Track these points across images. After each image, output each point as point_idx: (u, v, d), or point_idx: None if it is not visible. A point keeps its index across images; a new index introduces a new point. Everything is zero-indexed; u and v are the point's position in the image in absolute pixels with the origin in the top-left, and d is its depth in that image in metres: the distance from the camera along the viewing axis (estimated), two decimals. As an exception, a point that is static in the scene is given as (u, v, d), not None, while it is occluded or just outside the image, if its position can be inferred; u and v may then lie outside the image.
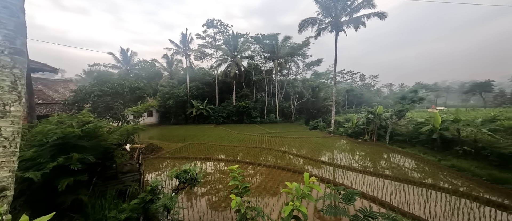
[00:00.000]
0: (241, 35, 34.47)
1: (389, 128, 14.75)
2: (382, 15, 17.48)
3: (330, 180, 7.76)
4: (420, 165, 9.76)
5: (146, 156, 11.67)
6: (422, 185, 7.22)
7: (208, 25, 33.54)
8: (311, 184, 1.83)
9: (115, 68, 35.46)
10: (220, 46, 35.22)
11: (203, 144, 15.45)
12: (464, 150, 10.08)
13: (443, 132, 11.29)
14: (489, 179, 7.44)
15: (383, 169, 9.31)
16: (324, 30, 20.52)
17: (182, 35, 33.35)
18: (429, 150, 11.76)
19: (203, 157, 11.44)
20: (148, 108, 11.42)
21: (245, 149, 13.66)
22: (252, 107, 32.23)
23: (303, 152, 12.63)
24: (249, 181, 8.06)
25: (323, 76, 42.27)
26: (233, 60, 33.06)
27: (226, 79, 35.58)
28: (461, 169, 8.55)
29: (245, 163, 10.39)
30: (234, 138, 18.26)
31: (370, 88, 55.50)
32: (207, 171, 9.41)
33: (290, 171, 8.99)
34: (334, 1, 19.03)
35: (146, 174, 9.02)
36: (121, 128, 5.75)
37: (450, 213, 5.47)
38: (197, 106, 31.27)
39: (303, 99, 33.89)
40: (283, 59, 35.10)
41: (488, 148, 9.41)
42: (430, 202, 6.07)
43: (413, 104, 15.73)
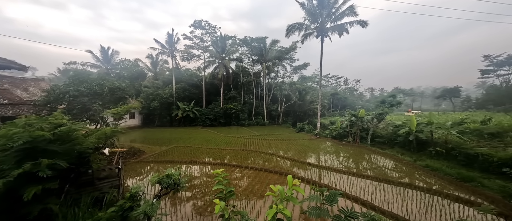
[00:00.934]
0: (229, 37, 34.37)
1: (371, 130, 15.50)
2: (363, 23, 18.46)
3: (315, 182, 7.94)
4: (398, 165, 10.35)
5: (127, 160, 11.08)
6: (400, 184, 7.65)
7: (195, 26, 33.01)
8: (294, 186, 1.86)
9: (94, 67, 33.40)
10: (207, 48, 34.77)
11: (189, 147, 15.04)
12: (436, 151, 10.87)
13: (418, 134, 12.10)
14: (457, 178, 8.08)
15: (365, 170, 9.73)
16: (310, 35, 21.17)
17: (168, 35, 32.47)
18: (406, 151, 12.53)
19: (189, 160, 11.12)
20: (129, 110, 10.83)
21: (232, 152, 13.53)
22: (240, 109, 32.10)
23: (290, 154, 12.80)
24: (236, 184, 7.98)
25: (310, 80, 43.41)
26: (221, 62, 32.79)
27: (214, 81, 35.15)
28: (434, 169, 9.20)
29: (232, 166, 10.28)
30: (221, 140, 18.02)
31: (353, 92, 58.04)
32: (192, 175, 9.16)
33: (276, 173, 9.05)
34: (319, 8, 19.74)
35: (126, 180, 8.55)
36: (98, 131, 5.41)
37: (424, 210, 5.85)
38: (183, 108, 30.45)
39: (290, 102, 34.48)
40: (271, 62, 35.53)
41: (457, 149, 10.26)
42: (407, 200, 6.45)
43: (392, 108, 16.72)
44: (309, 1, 19.90)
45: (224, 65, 32.35)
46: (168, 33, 32.40)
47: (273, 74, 39.40)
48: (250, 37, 33.99)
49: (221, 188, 2.22)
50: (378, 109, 16.48)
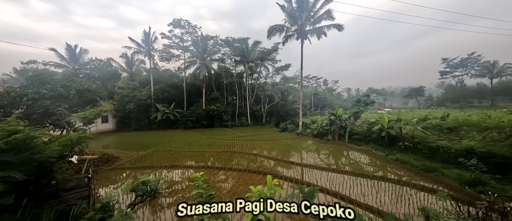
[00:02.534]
0: (210, 37, 33.75)
1: (348, 128, 16.41)
2: (340, 27, 19.51)
3: (298, 180, 8.14)
4: (372, 160, 11.10)
5: (99, 168, 10.21)
6: (374, 177, 8.21)
7: (174, 24, 31.80)
8: (273, 186, 1.88)
9: (59, 67, 30.20)
10: (188, 48, 33.72)
11: (169, 150, 14.38)
12: (405, 145, 11.90)
13: (390, 131, 13.13)
14: (422, 169, 8.93)
15: (343, 166, 10.26)
16: (291, 37, 21.74)
17: (145, 33, 30.77)
18: (379, 146, 13.51)
19: (169, 165, 10.63)
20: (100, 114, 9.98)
21: (216, 154, 13.27)
22: (223, 110, 31.67)
23: (274, 154, 12.96)
24: (220, 187, 7.84)
25: (291, 81, 44.55)
26: (203, 62, 32.04)
27: (195, 82, 34.18)
28: (403, 162, 10.05)
29: (215, 168, 10.07)
30: (204, 142, 17.57)
31: (332, 92, 61.00)
32: (174, 180, 8.78)
33: (261, 173, 9.09)
34: (299, 11, 20.39)
35: (98, 189, 7.87)
36: (63, 137, 4.89)
37: (395, 201, 6.35)
38: (163, 110, 29.07)
39: (273, 103, 34.99)
40: (254, 63, 35.70)
41: (422, 143, 11.35)
42: (381, 192, 6.94)
43: (366, 106, 17.91)
44: (289, 4, 20.43)
45: (206, 66, 31.66)
46: (145, 31, 30.72)
47: (256, 75, 39.61)
48: (232, 37, 33.76)
49: (201, 192, 2.15)
50: (354, 108, 17.52)
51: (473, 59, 47.38)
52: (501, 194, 6.24)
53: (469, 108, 32.19)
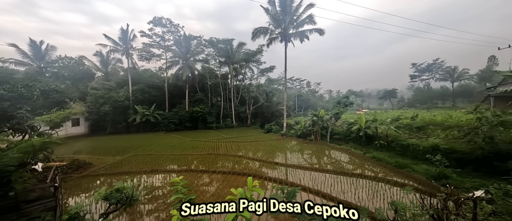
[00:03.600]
0: (194, 37, 32.98)
1: (329, 128, 17.11)
2: (321, 31, 20.34)
3: (282, 180, 8.26)
4: (352, 158, 11.70)
5: (69, 176, 9.36)
6: (353, 175, 8.65)
7: (155, 23, 30.51)
8: (254, 187, 1.89)
9: (20, 64, 27.07)
10: (170, 47, 32.54)
11: (149, 154, 13.68)
12: (380, 144, 12.74)
13: (367, 130, 13.97)
14: (395, 165, 9.63)
15: (325, 165, 10.66)
16: (275, 39, 22.12)
17: (122, 31, 29.06)
18: (358, 145, 14.28)
19: (150, 169, 10.11)
20: (69, 116, 9.16)
21: (199, 157, 12.93)
22: (207, 112, 31.03)
23: (259, 155, 13.01)
24: (204, 190, 7.66)
25: (276, 82, 45.24)
26: (186, 62, 31.14)
27: (178, 83, 33.06)
28: (379, 159, 10.74)
29: (199, 171, 9.82)
30: (188, 145, 17.03)
31: (315, 94, 63.19)
32: (154, 185, 8.36)
33: (245, 175, 9.05)
34: (283, 15, 20.85)
35: (68, 199, 7.20)
36: (23, 143, 4.40)
37: (371, 196, 6.75)
38: (142, 112, 27.59)
39: (258, 104, 35.18)
40: (238, 64, 35.59)
41: (395, 141, 12.24)
42: (359, 189, 7.33)
43: (346, 108, 18.86)
44: (273, 7, 20.80)
45: (189, 66, 30.82)
46: (122, 29, 29.02)
47: (240, 76, 39.53)
48: (217, 38, 33.34)
49: (180, 197, 2.08)
50: (335, 109, 18.33)
51: (437, 64, 52.58)
52: (460, 185, 6.97)
53: (435, 109, 35.55)
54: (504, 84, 20.88)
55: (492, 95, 21.05)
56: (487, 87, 33.08)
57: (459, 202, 2.04)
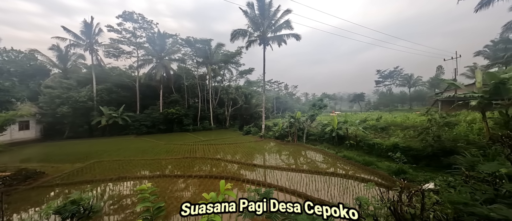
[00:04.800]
0: (169, 35, 31.45)
1: (305, 130, 17.87)
2: (297, 36, 21.27)
3: (260, 182, 8.33)
4: (325, 158, 12.39)
5: (14, 188, 8.02)
6: (327, 174, 9.16)
7: (125, 17, 28.28)
8: (226, 191, 1.88)
9: None
10: (142, 44, 30.47)
11: (117, 160, 12.51)
12: (350, 143, 13.76)
13: (339, 131, 14.97)
14: (363, 163, 10.49)
15: (301, 165, 11.08)
16: (254, 42, 22.39)
17: (86, 24, 26.25)
18: (331, 145, 15.19)
19: (116, 176, 9.24)
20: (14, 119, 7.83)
21: (174, 161, 12.28)
22: (184, 114, 29.74)
23: (238, 157, 12.91)
24: (179, 196, 7.29)
25: (255, 85, 45.66)
26: (160, 61, 29.48)
27: (151, 83, 31.07)
28: (349, 158, 11.59)
29: (174, 176, 9.32)
30: (161, 149, 16.05)
31: (292, 96, 65.54)
32: (122, 194, 7.66)
33: (223, 178, 8.87)
34: (261, 18, 21.24)
35: (12, 214, 6.16)
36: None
37: (342, 193, 7.24)
38: (109, 114, 25.16)
39: (237, 106, 35.00)
40: (217, 65, 35.02)
41: (362, 141, 13.34)
42: (331, 187, 7.79)
43: (321, 110, 19.94)
44: (252, 10, 21.05)
45: (163, 66, 29.24)
46: (86, 21, 26.24)
47: (219, 77, 38.92)
48: (194, 37, 32.33)
49: (147, 205, 1.95)
50: (310, 112, 19.24)
51: (397, 72, 59.21)
52: (415, 179, 7.92)
53: (396, 111, 39.85)
54: (449, 90, 24.45)
55: (440, 99, 24.43)
56: (435, 93, 38.30)
57: (410, 194, 2.34)
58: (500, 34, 23.73)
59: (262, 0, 20.42)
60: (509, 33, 22.96)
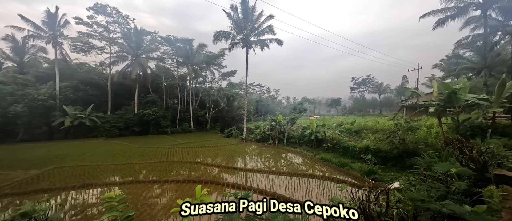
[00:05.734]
0: (147, 32, 29.84)
1: (286, 133, 18.30)
2: (279, 41, 21.84)
3: (241, 185, 8.26)
4: (305, 160, 12.80)
5: None
6: (305, 175, 9.47)
7: (97, 10, 26.13)
8: (202, 196, 1.84)
9: None
10: (116, 40, 28.40)
11: (82, 165, 11.34)
12: (328, 146, 14.44)
13: (317, 134, 15.62)
14: (338, 164, 11.08)
15: (282, 167, 11.28)
16: (237, 45, 22.39)
17: (49, 13, 23.63)
18: (310, 148, 15.76)
19: (80, 184, 8.37)
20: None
21: (149, 165, 11.56)
22: (161, 115, 28.24)
23: (218, 161, 12.66)
24: (154, 203, 6.86)
25: (237, 87, 45.43)
26: (136, 59, 27.76)
27: (125, 81, 29.00)
28: (326, 160, 12.14)
29: (149, 182, 8.77)
30: (135, 153, 15.00)
31: (274, 100, 66.73)
32: (87, 203, 6.96)
33: (202, 182, 8.62)
34: (245, 22, 21.38)
35: None
36: None
37: (319, 193, 7.54)
38: (74, 115, 22.78)
39: (218, 108, 34.40)
40: (198, 66, 34.14)
41: (338, 143, 14.11)
42: (309, 188, 8.06)
43: (301, 113, 20.64)
44: (235, 13, 21.08)
45: (140, 64, 27.57)
46: (49, 11, 23.63)
47: (200, 78, 37.97)
48: (175, 36, 31.16)
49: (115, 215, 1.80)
50: (291, 115, 19.78)
51: (369, 79, 64.20)
52: (383, 179, 8.61)
53: (368, 116, 43.00)
54: (412, 98, 27.16)
55: (405, 106, 27.03)
56: (401, 100, 42.29)
57: (377, 194, 2.55)
58: (453, 50, 27.32)
59: (245, 4, 20.60)
60: (459, 50, 26.55)
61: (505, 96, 9.45)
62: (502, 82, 9.37)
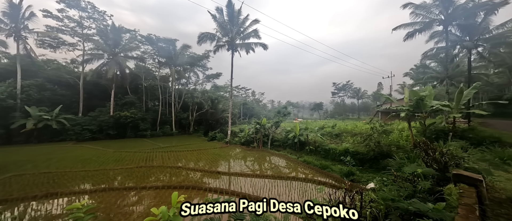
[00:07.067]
0: (127, 30, 28.39)
1: (270, 136, 18.47)
2: (265, 46, 22.16)
3: (224, 189, 8.11)
4: (288, 163, 13.01)
5: None
6: (288, 178, 9.61)
7: (69, 4, 24.22)
8: (179, 203, 1.78)
9: None
10: (91, 37, 26.50)
11: (46, 173, 10.24)
12: (310, 149, 14.87)
13: (300, 137, 16.01)
14: (320, 167, 11.46)
15: (266, 170, 11.33)
16: (222, 47, 22.22)
17: (11, 4, 21.32)
18: (293, 151, 16.08)
19: (43, 193, 7.54)
20: None
21: (125, 171, 10.83)
22: (140, 118, 26.77)
23: (201, 165, 12.31)
24: (129, 212, 6.43)
25: (222, 90, 44.97)
26: (113, 58, 26.09)
27: (100, 81, 27.07)
28: (308, 162, 12.47)
29: (124, 189, 8.20)
30: (109, 158, 13.97)
31: (259, 103, 67.18)
32: (52, 214, 6.30)
33: (183, 188, 8.31)
34: (230, 25, 21.36)
35: None
36: None
37: (301, 196, 7.70)
38: (38, 116, 20.59)
39: (202, 111, 33.62)
40: (182, 67, 33.18)
41: (320, 146, 14.61)
42: (292, 190, 8.20)
43: (285, 117, 21.04)
44: (220, 15, 20.99)
45: (117, 63, 25.95)
46: (11, 1, 21.35)
47: (184, 80, 36.88)
48: (157, 36, 30.00)
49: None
50: (275, 118, 20.06)
51: (349, 85, 67.84)
52: (360, 179, 9.09)
53: (348, 119, 45.24)
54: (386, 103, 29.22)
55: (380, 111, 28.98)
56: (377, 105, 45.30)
57: (352, 194, 2.70)
58: (420, 61, 30.16)
59: (231, 7, 20.62)
60: (426, 60, 29.41)
61: (463, 103, 10.65)
62: (460, 91, 10.56)
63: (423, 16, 17.82)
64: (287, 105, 44.08)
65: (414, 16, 18.02)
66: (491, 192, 3.62)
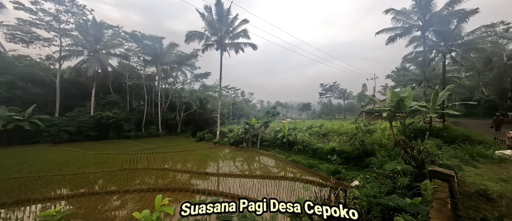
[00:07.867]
0: (109, 26, 26.99)
1: (259, 136, 18.53)
2: (254, 46, 22.19)
3: (212, 191, 8.00)
4: (277, 162, 13.14)
5: None
6: (277, 178, 9.71)
7: (45, -5, 22.55)
8: (162, 207, 1.73)
9: None
10: (69, 32, 24.88)
11: (17, 178, 9.45)
12: (299, 148, 15.13)
13: (289, 137, 16.23)
14: (308, 166, 11.69)
15: (255, 170, 11.34)
16: (211, 46, 21.94)
17: (-23, -7, 19.39)
18: (282, 150, 16.26)
19: (13, 200, 6.96)
20: None
21: (107, 174, 10.31)
22: (124, 118, 25.58)
23: (189, 166, 12.04)
24: (111, 217, 6.13)
25: (211, 89, 44.32)
26: (94, 55, 24.73)
27: (80, 79, 25.49)
28: (297, 161, 12.68)
29: (105, 193, 7.79)
30: (89, 160, 13.20)
31: (248, 103, 67.10)
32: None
33: (169, 190, 8.08)
34: (219, 24, 21.14)
35: None
36: None
37: (290, 195, 7.82)
38: (9, 116, 18.96)
39: (190, 111, 32.89)
40: (169, 66, 32.23)
41: (308, 146, 14.91)
42: (281, 190, 8.30)
43: (274, 117, 21.21)
44: (209, 14, 20.70)
45: (99, 60, 24.63)
46: (-23, -10, 19.40)
47: (171, 79, 35.87)
48: (142, 33, 28.86)
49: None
50: (264, 118, 20.16)
51: (335, 86, 70.03)
52: (346, 177, 9.41)
53: (334, 119, 46.67)
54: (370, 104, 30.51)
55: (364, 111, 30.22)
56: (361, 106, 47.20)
57: (337, 192, 2.80)
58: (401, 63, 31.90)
59: (220, 6, 20.41)
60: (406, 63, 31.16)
61: (438, 104, 11.44)
62: (436, 92, 11.32)
63: (403, 22, 18.88)
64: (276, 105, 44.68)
65: (395, 21, 19.04)
66: (462, 186, 3.92)
